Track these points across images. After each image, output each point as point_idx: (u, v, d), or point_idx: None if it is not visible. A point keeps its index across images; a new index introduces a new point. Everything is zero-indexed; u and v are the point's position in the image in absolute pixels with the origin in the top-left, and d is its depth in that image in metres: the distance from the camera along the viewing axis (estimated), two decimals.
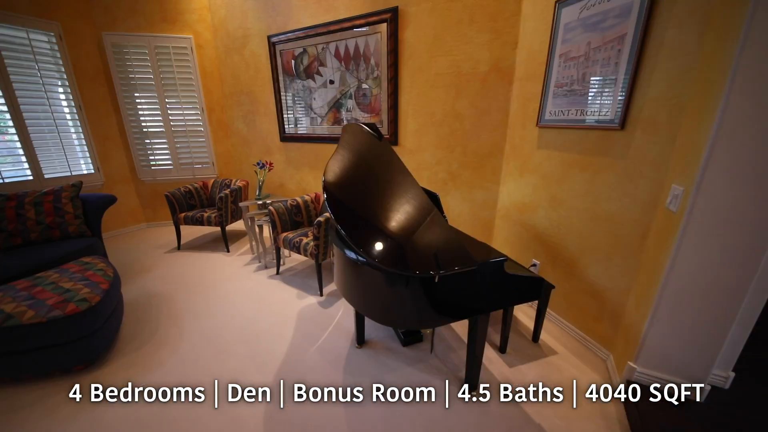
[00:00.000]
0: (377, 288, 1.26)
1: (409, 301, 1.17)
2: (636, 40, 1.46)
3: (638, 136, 1.52)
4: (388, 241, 1.21)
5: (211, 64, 3.74)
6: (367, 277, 1.30)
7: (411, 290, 1.15)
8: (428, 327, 1.18)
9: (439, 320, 1.23)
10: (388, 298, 1.23)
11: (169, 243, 3.55)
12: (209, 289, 2.58)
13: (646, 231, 1.55)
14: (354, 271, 1.39)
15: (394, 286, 1.19)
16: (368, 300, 1.35)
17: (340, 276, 1.54)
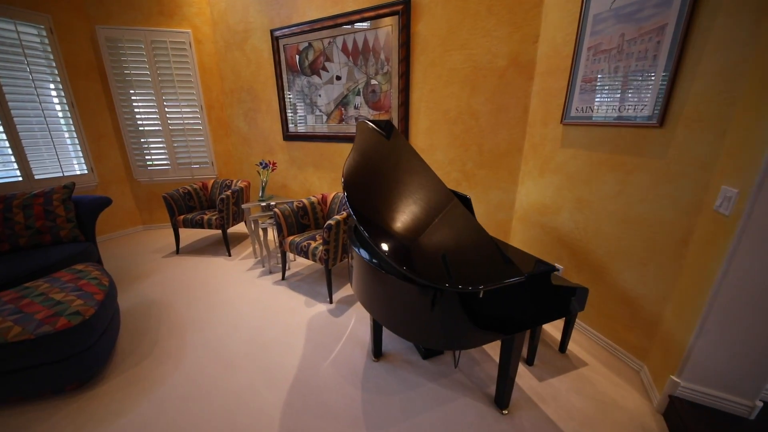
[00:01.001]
0: (407, 301, 1.15)
1: (445, 318, 1.06)
2: (679, 30, 1.36)
3: (679, 133, 1.42)
4: (426, 253, 1.10)
5: (210, 59, 3.60)
6: (395, 288, 1.19)
7: (447, 306, 1.03)
8: (462, 347, 1.07)
9: (475, 340, 1.11)
10: (418, 314, 1.12)
11: (167, 246, 3.40)
12: (211, 296, 2.45)
13: (686, 235, 1.45)
14: (379, 281, 1.27)
15: (428, 300, 1.08)
16: (395, 314, 1.23)
17: (362, 285, 1.43)
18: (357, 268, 1.45)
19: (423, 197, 1.45)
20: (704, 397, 1.36)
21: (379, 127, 1.98)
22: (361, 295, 1.45)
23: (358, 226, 1.13)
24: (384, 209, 1.33)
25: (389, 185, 1.50)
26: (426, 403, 1.47)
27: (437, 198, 1.43)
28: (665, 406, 1.44)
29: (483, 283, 0.94)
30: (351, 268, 1.65)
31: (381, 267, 1.24)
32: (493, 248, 1.13)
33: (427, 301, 1.07)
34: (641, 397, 1.55)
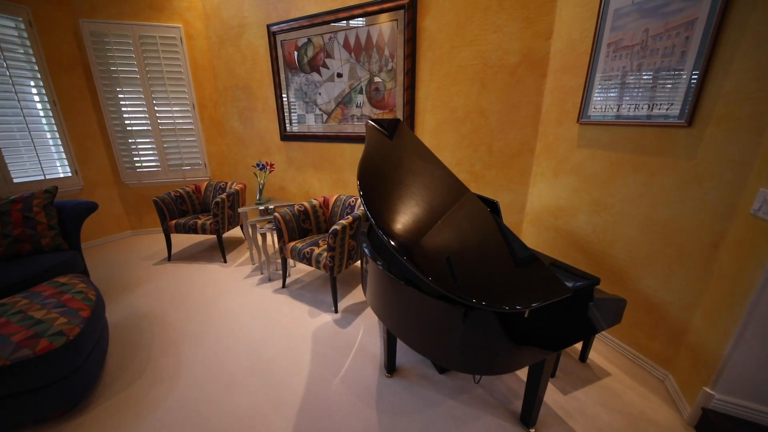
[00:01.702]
0: (438, 320, 1.05)
1: (482, 339, 0.96)
2: (711, 25, 1.30)
3: (710, 133, 1.37)
4: (465, 268, 1.01)
5: (202, 56, 3.45)
6: (424, 306, 1.09)
7: (484, 326, 0.93)
8: (499, 371, 0.97)
9: (514, 362, 1.00)
10: (452, 335, 1.02)
11: (158, 253, 3.24)
12: (208, 306, 2.31)
13: (718, 240, 1.39)
14: (403, 296, 1.17)
15: (461, 320, 0.98)
16: (422, 333, 1.13)
17: (380, 298, 1.33)
18: (375, 279, 1.35)
19: (446, 202, 1.36)
20: (741, 410, 1.30)
21: (381, 127, 1.89)
22: (380, 309, 1.35)
23: (390, 244, 1.02)
24: (408, 217, 1.23)
25: (409, 190, 1.40)
26: (448, 424, 1.38)
27: (468, 206, 1.34)
28: (698, 418, 1.38)
29: (529, 301, 0.85)
30: (364, 274, 1.55)
31: (408, 281, 1.13)
32: (531, 259, 1.05)
33: (461, 321, 0.97)
34: (670, 408, 1.49)
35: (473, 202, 1.43)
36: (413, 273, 1.20)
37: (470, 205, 1.40)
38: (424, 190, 1.45)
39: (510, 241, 1.13)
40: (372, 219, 1.08)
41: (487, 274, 0.98)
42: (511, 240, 1.14)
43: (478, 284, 0.91)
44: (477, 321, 0.93)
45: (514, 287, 0.92)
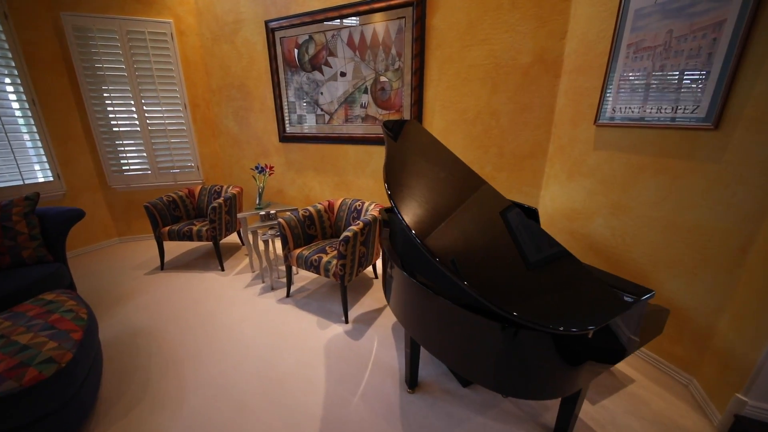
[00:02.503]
0: (482, 340, 0.99)
1: (536, 360, 0.90)
2: (741, 27, 1.29)
3: (738, 136, 1.36)
4: (518, 284, 0.95)
5: (194, 53, 3.30)
6: (468, 325, 1.02)
7: (543, 348, 0.87)
8: (553, 395, 0.91)
9: (574, 383, 0.94)
10: (499, 354, 0.96)
11: (150, 261, 3.08)
12: (208, 319, 2.19)
13: (746, 244, 1.39)
14: (440, 311, 1.11)
15: (510, 340, 0.92)
16: (464, 353, 1.06)
17: (413, 312, 1.26)
18: (407, 292, 1.28)
19: (484, 211, 1.30)
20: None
21: (386, 128, 1.83)
22: (411, 322, 1.28)
23: (454, 275, 0.94)
24: (453, 231, 1.17)
25: (439, 196, 1.34)
26: None
27: (506, 213, 1.29)
28: (729, 425, 1.37)
29: (593, 319, 0.80)
30: (388, 281, 1.48)
31: (454, 299, 1.07)
32: (580, 270, 1.00)
33: (513, 341, 0.92)
34: (698, 415, 1.48)
35: (514, 211, 1.38)
36: (452, 285, 1.14)
37: (512, 214, 1.35)
38: (455, 196, 1.39)
39: (558, 254, 1.08)
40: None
41: (540, 292, 0.93)
42: (560, 252, 1.09)
43: (539, 304, 0.86)
44: (535, 342, 0.87)
45: (573, 304, 0.88)
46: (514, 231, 1.19)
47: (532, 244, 1.14)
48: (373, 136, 2.78)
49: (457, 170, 1.64)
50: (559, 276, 1.00)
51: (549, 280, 0.99)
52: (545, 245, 1.13)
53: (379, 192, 2.97)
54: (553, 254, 1.09)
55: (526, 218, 1.27)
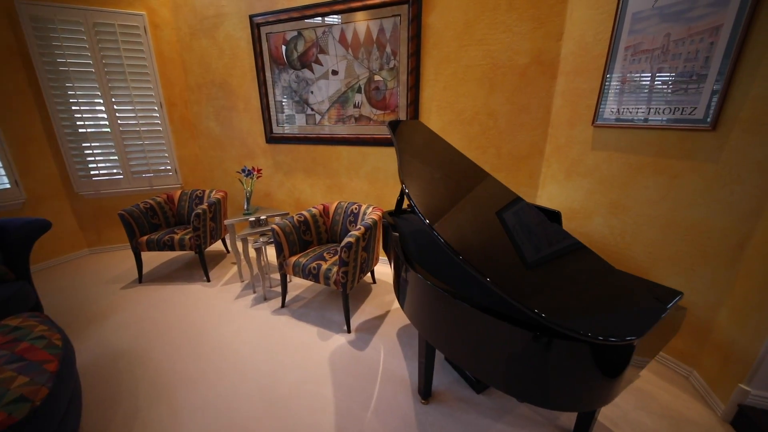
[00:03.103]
0: (513, 351, 0.96)
1: (572, 372, 0.89)
2: (737, 32, 1.35)
3: (735, 137, 1.43)
4: (550, 291, 0.93)
5: (171, 48, 3.10)
6: (499, 334, 1.00)
7: (575, 357, 0.86)
8: (591, 406, 0.90)
9: (612, 392, 0.93)
10: (533, 366, 0.93)
11: (126, 274, 2.86)
12: (198, 336, 2.05)
13: (744, 241, 1.46)
14: (469, 323, 1.07)
15: (551, 350, 0.90)
16: (492, 363, 1.03)
17: (432, 318, 1.22)
18: (423, 296, 1.23)
19: (504, 211, 1.28)
20: None
21: (391, 127, 1.79)
22: (432, 331, 1.24)
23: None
24: (480, 235, 1.14)
25: (458, 197, 1.31)
26: None
27: (529, 217, 1.28)
28: (733, 414, 1.44)
29: (636, 327, 0.80)
30: (402, 285, 1.44)
31: (479, 306, 1.04)
32: (611, 272, 1.00)
33: (547, 351, 0.90)
34: (702, 405, 1.54)
35: (536, 213, 1.37)
36: (481, 291, 1.11)
37: (532, 215, 1.34)
38: (477, 198, 1.37)
39: (586, 256, 1.08)
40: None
41: (578, 298, 0.92)
42: (587, 253, 1.09)
43: (577, 311, 0.84)
44: (574, 352, 0.86)
45: (611, 310, 0.87)
46: (540, 235, 1.18)
47: (559, 248, 1.13)
48: (368, 136, 2.72)
49: (472, 172, 1.62)
50: (590, 280, 1.00)
51: (581, 284, 0.98)
52: (573, 248, 1.13)
53: (374, 194, 2.92)
54: (581, 256, 1.08)
55: (550, 222, 1.27)
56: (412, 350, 1.89)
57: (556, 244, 1.15)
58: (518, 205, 1.40)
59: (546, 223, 1.31)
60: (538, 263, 1.07)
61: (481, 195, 1.43)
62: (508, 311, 0.99)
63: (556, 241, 1.19)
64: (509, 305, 1.03)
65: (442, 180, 1.49)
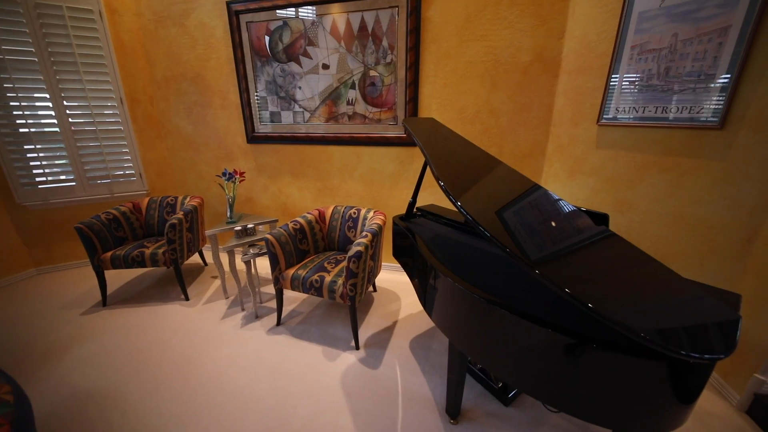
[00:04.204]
0: (580, 371, 0.90)
1: (655, 392, 0.84)
2: (746, 32, 1.40)
3: (743, 135, 1.49)
4: (621, 300, 0.88)
5: (132, 37, 2.77)
6: (557, 350, 0.93)
7: (654, 375, 0.81)
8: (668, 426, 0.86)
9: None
10: (603, 387, 0.88)
11: (86, 296, 2.51)
12: (184, 366, 1.82)
13: (752, 235, 1.53)
14: (526, 338, 1.00)
15: (618, 368, 0.84)
16: (549, 380, 0.97)
17: (471, 330, 1.13)
18: (465, 308, 1.15)
19: (552, 213, 1.23)
20: None
21: (410, 127, 1.71)
22: (473, 346, 1.15)
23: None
24: (548, 240, 1.06)
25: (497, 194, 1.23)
26: None
27: (576, 219, 1.23)
28: (749, 404, 1.50)
29: (723, 340, 0.76)
30: (430, 293, 1.35)
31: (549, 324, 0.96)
32: (675, 279, 0.97)
33: (615, 368, 0.85)
34: (717, 396, 1.61)
35: (584, 217, 1.34)
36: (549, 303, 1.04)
37: (579, 218, 1.30)
38: (520, 200, 1.31)
39: (649, 261, 1.05)
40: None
41: (651, 306, 0.87)
42: (647, 259, 1.06)
43: (666, 325, 0.80)
44: (651, 370, 0.81)
45: (687, 318, 0.83)
46: (594, 238, 1.15)
47: (617, 251, 1.10)
48: (363, 135, 2.60)
49: (503, 170, 1.57)
50: (655, 286, 0.96)
51: (642, 286, 0.95)
52: (630, 252, 1.10)
53: (370, 197, 2.80)
54: (642, 262, 1.05)
55: (594, 224, 1.24)
56: (429, 364, 1.81)
57: (615, 249, 1.12)
58: (570, 211, 1.35)
59: (592, 224, 1.27)
60: (606, 269, 1.02)
61: (523, 195, 1.38)
62: (568, 323, 0.93)
63: (612, 245, 1.16)
64: (572, 318, 0.97)
65: (485, 179, 1.42)
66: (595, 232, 1.18)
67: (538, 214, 1.27)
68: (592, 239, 1.15)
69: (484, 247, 1.55)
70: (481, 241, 1.64)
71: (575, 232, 1.20)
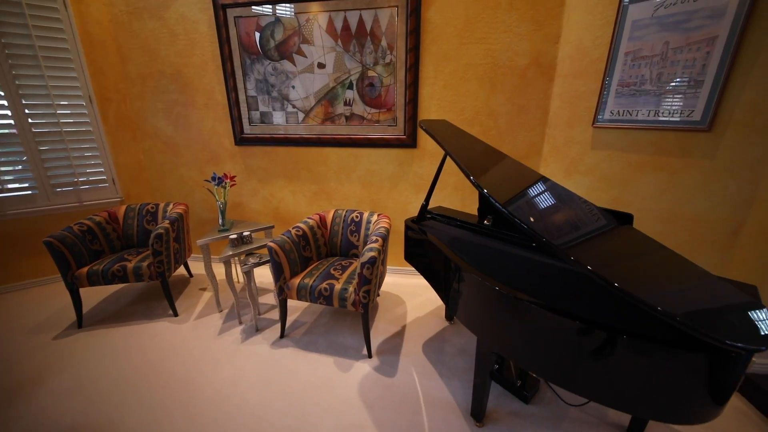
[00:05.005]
0: (621, 365, 0.94)
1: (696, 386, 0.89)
2: (731, 43, 1.54)
3: (729, 137, 1.63)
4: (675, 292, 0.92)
5: (102, 30, 2.54)
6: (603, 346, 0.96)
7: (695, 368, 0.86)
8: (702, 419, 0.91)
9: None
10: (642, 379, 0.92)
11: (57, 318, 2.27)
12: (183, 390, 1.69)
13: (738, 228, 1.68)
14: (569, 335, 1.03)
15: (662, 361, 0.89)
16: (595, 378, 1.00)
17: (514, 332, 1.15)
18: (502, 309, 1.16)
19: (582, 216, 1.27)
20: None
21: (427, 128, 1.73)
22: (506, 345, 1.17)
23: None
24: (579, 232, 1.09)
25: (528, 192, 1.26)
26: None
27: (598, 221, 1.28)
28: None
29: (750, 331, 0.82)
30: (453, 294, 1.36)
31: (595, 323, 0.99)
32: (702, 273, 1.04)
33: (659, 361, 0.89)
34: None
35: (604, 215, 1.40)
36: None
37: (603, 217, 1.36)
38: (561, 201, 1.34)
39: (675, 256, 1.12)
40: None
41: (689, 298, 0.93)
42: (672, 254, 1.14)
43: (709, 317, 0.85)
44: (690, 362, 0.86)
45: (721, 311, 0.89)
46: (622, 236, 1.20)
47: (645, 248, 1.17)
48: (361, 137, 2.56)
49: (522, 168, 1.62)
50: (692, 282, 1.03)
51: (678, 281, 1.01)
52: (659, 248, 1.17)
53: (368, 199, 2.77)
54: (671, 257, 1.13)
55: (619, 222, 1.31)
56: (446, 368, 1.81)
57: (643, 245, 1.18)
58: (596, 212, 1.41)
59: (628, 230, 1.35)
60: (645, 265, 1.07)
61: (561, 196, 1.42)
62: (602, 316, 0.97)
63: (638, 241, 1.22)
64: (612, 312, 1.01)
65: (510, 182, 1.45)
66: (614, 224, 1.25)
67: (567, 209, 1.32)
68: (610, 230, 1.21)
69: (504, 248, 1.58)
70: (498, 241, 1.67)
71: (596, 222, 1.26)
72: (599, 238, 1.17)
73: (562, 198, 1.43)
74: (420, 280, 2.79)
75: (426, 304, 2.45)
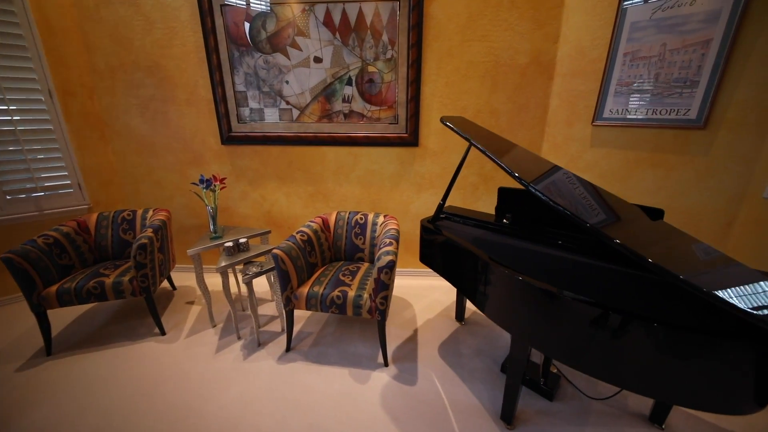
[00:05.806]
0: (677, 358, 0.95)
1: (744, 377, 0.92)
2: (725, 45, 1.64)
3: (722, 134, 1.75)
4: None
5: (63, 16, 2.25)
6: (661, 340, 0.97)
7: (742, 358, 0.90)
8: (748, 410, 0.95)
9: None
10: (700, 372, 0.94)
11: (19, 346, 1.98)
12: (186, 419, 1.53)
13: (731, 220, 1.81)
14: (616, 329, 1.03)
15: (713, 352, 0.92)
16: (650, 373, 1.01)
17: (559, 330, 1.14)
18: (543, 307, 1.15)
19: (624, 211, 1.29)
20: None
21: (454, 125, 1.72)
22: (549, 343, 1.16)
23: None
24: None
25: None
26: None
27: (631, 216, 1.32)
28: None
29: None
30: (481, 289, 1.34)
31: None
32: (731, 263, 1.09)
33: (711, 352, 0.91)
34: None
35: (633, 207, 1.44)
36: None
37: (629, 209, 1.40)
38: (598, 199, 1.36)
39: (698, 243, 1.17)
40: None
41: None
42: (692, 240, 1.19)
43: None
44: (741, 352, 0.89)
45: None
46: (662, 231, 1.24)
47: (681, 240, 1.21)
48: (360, 135, 2.48)
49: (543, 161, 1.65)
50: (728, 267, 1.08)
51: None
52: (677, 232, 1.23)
53: (368, 200, 2.69)
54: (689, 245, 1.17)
55: None
56: (466, 371, 1.79)
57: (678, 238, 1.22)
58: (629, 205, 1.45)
59: None
60: None
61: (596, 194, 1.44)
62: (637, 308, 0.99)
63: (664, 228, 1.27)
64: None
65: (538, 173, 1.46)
66: None
67: (602, 202, 1.34)
68: None
69: (532, 248, 1.59)
70: (523, 240, 1.68)
71: (633, 215, 1.30)
72: (644, 232, 1.21)
73: (597, 192, 1.47)
74: (424, 281, 2.76)
75: (434, 305, 2.42)
